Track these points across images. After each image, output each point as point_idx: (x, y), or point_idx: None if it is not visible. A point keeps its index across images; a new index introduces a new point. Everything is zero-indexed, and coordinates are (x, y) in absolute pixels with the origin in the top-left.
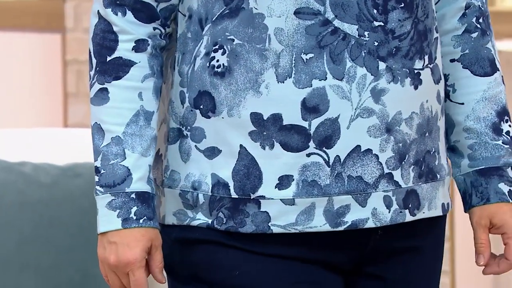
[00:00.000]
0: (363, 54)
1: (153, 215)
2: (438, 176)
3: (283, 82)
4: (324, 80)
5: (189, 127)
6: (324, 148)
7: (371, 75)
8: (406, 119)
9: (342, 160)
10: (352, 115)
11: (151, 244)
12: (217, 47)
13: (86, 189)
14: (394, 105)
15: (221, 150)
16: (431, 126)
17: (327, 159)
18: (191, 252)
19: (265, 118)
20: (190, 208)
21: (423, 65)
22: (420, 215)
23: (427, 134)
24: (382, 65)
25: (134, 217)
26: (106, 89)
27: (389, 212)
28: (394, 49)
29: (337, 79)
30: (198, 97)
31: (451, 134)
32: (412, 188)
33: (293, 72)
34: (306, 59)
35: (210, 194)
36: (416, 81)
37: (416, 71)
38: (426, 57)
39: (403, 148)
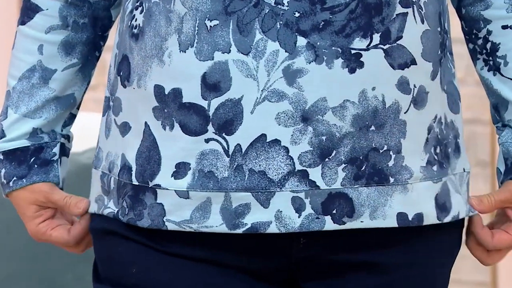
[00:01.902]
0: (278, 26)
1: (28, 172)
2: (392, 179)
3: (185, 52)
4: (228, 53)
5: (113, 97)
6: (223, 134)
7: (286, 51)
8: (334, 107)
9: (243, 150)
10: (257, 98)
11: (46, 200)
12: (138, 3)
13: None
14: (315, 89)
15: (131, 127)
16: (381, 119)
17: (226, 148)
18: (99, 245)
19: (166, 92)
20: (106, 194)
21: (369, 44)
22: (354, 224)
23: (372, 128)
24: (301, 41)
25: (5, 182)
26: (16, 33)
27: (299, 217)
28: (322, 23)
29: (242, 53)
30: (121, 61)
31: (505, 112)
32: (339, 191)
33: (196, 40)
34: (210, 26)
35: (117, 178)
36: (353, 63)
37: (354, 52)
38: (376, 36)
39: (328, 142)
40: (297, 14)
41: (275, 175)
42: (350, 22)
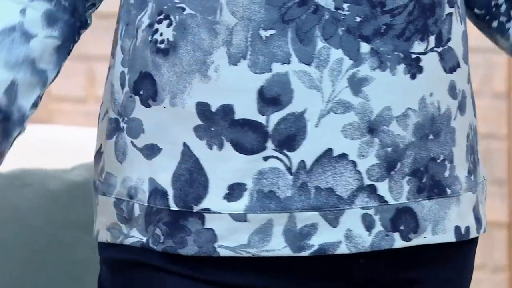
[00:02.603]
0: (340, 33)
1: None
2: (449, 191)
3: (236, 65)
4: (287, 64)
5: (126, 118)
6: (285, 151)
7: (350, 59)
8: (398, 116)
9: (308, 167)
10: (322, 110)
11: None
12: (161, 17)
13: (36, 203)
14: (381, 98)
15: (161, 149)
16: (438, 127)
17: (288, 165)
18: (123, 278)
19: (213, 109)
20: (124, 222)
21: (426, 48)
22: (419, 241)
23: (431, 137)
24: (365, 47)
25: None
26: None
27: (369, 235)
28: (384, 27)
29: (303, 63)
30: (139, 80)
31: None
32: (406, 206)
33: (249, 52)
34: (266, 36)
35: (147, 204)
36: (414, 68)
37: (414, 56)
38: (432, 38)
39: (393, 153)
40: (358, 19)
41: (344, 191)
42: (409, 25)
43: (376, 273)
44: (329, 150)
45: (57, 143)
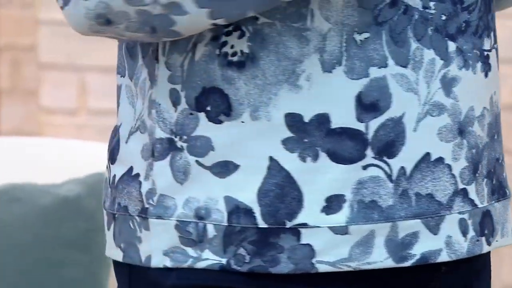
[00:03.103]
0: (430, 32)
1: None
2: (508, 192)
3: (331, 72)
4: (385, 67)
5: (185, 137)
6: (385, 158)
7: (441, 59)
8: (478, 117)
9: (408, 173)
10: (419, 113)
11: None
12: (230, 28)
13: (25, 219)
14: (467, 98)
15: (238, 165)
16: (498, 126)
17: (389, 172)
18: None
19: (306, 120)
20: (191, 245)
21: (491, 44)
22: (494, 244)
23: (496, 137)
24: (451, 46)
25: None
26: None
27: (465, 241)
28: (464, 24)
29: (400, 65)
30: (202, 96)
31: None
32: (487, 209)
33: (344, 58)
34: (361, 40)
35: (226, 224)
36: (487, 66)
37: (485, 53)
38: (492, 35)
39: (476, 155)
40: (443, 17)
41: (443, 196)
42: (479, 21)
43: (455, 281)
44: (427, 154)
45: (47, 157)
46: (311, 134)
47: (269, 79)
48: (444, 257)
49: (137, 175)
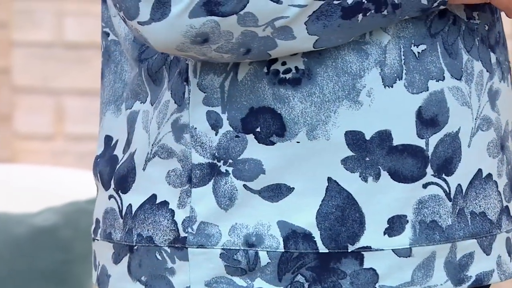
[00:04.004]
0: (477, 43)
1: None
2: None
3: (392, 87)
4: (442, 80)
5: (230, 161)
6: (443, 175)
7: (487, 71)
8: (511, 131)
9: (464, 191)
10: (473, 128)
11: None
12: None
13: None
14: (505, 112)
15: (293, 188)
16: None
17: (447, 190)
18: None
19: (367, 137)
20: (239, 274)
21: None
22: None
23: None
24: (493, 57)
25: None
26: None
27: (510, 261)
28: (498, 35)
29: (455, 78)
30: (250, 117)
31: None
32: None
33: (404, 71)
34: (418, 52)
35: (283, 250)
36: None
37: (510, 65)
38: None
39: (510, 171)
40: (486, 27)
41: (493, 215)
42: (501, 32)
43: None
44: (480, 171)
45: (22, 185)
46: (372, 152)
47: (327, 96)
48: (495, 279)
49: (165, 203)
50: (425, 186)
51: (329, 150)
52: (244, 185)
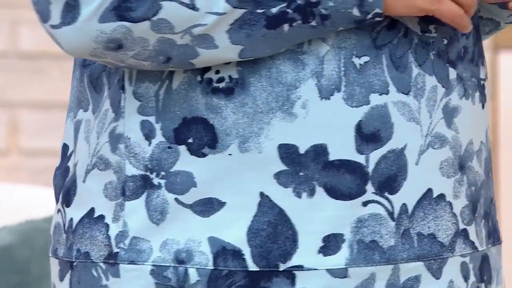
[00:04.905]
0: (432, 57)
1: None
2: (500, 237)
3: (329, 99)
4: (386, 94)
5: (163, 173)
6: (386, 194)
7: (442, 87)
8: (477, 151)
9: (410, 211)
10: (422, 145)
11: None
12: None
13: None
14: (467, 130)
15: (224, 202)
16: (491, 163)
17: (390, 210)
18: None
19: (301, 151)
20: None
21: (485, 74)
22: None
23: (490, 175)
24: (452, 73)
25: None
26: None
27: (466, 287)
28: (463, 50)
29: (402, 92)
30: (183, 127)
31: None
32: (485, 253)
33: (343, 83)
34: (360, 64)
35: (212, 268)
36: (483, 96)
37: (482, 82)
38: (484, 63)
39: (475, 193)
40: (445, 41)
41: (445, 237)
42: (475, 48)
43: None
44: (429, 190)
45: None
46: (307, 167)
47: (260, 107)
48: None
49: (101, 217)
50: (365, 204)
51: (261, 163)
52: (176, 199)
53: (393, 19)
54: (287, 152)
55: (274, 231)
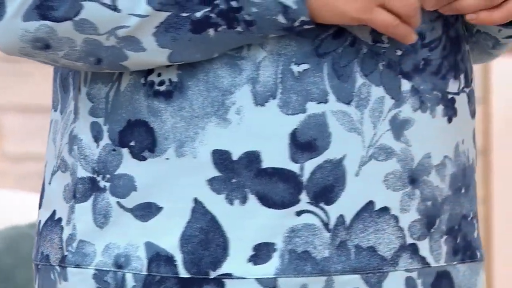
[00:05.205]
0: (381, 68)
1: None
2: (478, 254)
3: (264, 105)
4: (325, 103)
5: (108, 176)
6: (321, 204)
7: (391, 98)
8: (437, 165)
9: (347, 223)
10: (363, 156)
11: None
12: None
13: None
14: (422, 143)
15: (161, 207)
16: (468, 179)
17: (325, 220)
18: None
19: (234, 158)
20: None
21: (459, 87)
22: None
23: (463, 191)
24: (405, 85)
25: None
26: None
27: None
28: (422, 62)
29: (342, 102)
30: (126, 130)
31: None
32: (444, 269)
33: (279, 90)
34: (299, 71)
35: (146, 273)
36: (451, 110)
37: (450, 96)
38: (462, 77)
39: (433, 208)
40: (399, 53)
41: (387, 251)
42: (444, 61)
43: None
44: (370, 203)
45: None
46: (239, 173)
47: (196, 111)
48: None
49: (59, 219)
50: (299, 213)
51: (196, 168)
52: (118, 202)
53: (341, 28)
54: (220, 158)
55: (205, 238)
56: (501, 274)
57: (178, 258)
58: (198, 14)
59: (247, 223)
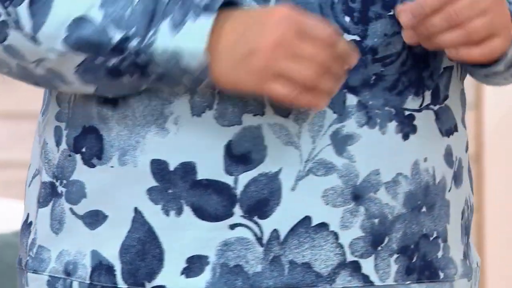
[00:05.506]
0: None
1: None
2: (442, 274)
3: (200, 116)
4: (261, 115)
5: (64, 181)
6: (255, 218)
7: (334, 112)
8: (387, 182)
9: (282, 238)
10: (300, 171)
11: None
12: None
13: None
14: (368, 160)
15: (107, 216)
16: (432, 198)
17: (259, 235)
18: None
19: (171, 168)
20: None
21: (421, 104)
22: None
23: (424, 210)
24: (351, 99)
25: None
26: None
27: None
28: (373, 77)
29: (280, 115)
30: (81, 136)
31: None
32: None
33: (216, 101)
34: None
35: (88, 282)
36: (407, 127)
37: (407, 113)
38: (428, 94)
39: (380, 226)
40: (345, 67)
41: (324, 267)
42: (402, 77)
43: None
44: (307, 218)
45: None
46: (175, 184)
47: (138, 120)
48: None
49: (30, 223)
50: (232, 227)
51: (136, 178)
52: (70, 209)
53: None
54: (158, 168)
55: (142, 248)
56: (494, 282)
57: (118, 268)
58: (110, 64)
59: (182, 234)
